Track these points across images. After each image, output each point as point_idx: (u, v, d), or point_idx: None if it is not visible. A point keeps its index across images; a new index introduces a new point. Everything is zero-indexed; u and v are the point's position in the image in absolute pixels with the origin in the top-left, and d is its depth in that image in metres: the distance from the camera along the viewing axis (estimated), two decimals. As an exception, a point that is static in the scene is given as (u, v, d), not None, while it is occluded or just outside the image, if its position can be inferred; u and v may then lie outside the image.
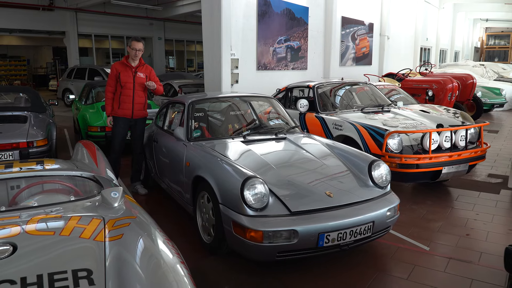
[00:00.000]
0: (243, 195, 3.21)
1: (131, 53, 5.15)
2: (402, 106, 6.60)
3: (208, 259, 3.65)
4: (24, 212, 2.36)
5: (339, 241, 3.24)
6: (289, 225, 3.12)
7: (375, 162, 3.82)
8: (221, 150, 4.01)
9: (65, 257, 1.95)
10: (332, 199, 3.40)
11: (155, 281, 1.88)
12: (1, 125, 6.16)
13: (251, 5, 9.32)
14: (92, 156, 3.82)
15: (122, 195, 2.62)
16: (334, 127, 5.63)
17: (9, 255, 1.91)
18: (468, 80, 11.27)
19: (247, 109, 5.14)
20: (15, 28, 19.26)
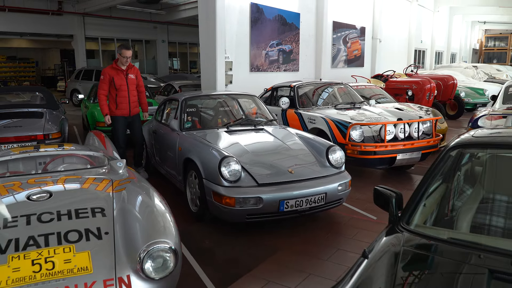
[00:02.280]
0: (220, 170, 4.08)
1: (122, 60, 5.81)
2: (374, 103, 7.44)
3: (195, 224, 4.52)
4: (55, 174, 3.25)
5: (296, 207, 4.10)
6: (256, 193, 3.99)
7: (332, 147, 4.69)
8: (207, 138, 4.88)
9: (85, 200, 2.84)
10: (293, 175, 4.26)
11: (149, 224, 2.74)
12: (21, 120, 7.07)
13: (244, 12, 10.20)
14: (102, 141, 4.71)
15: (125, 165, 3.50)
16: (309, 121, 6.50)
17: (47, 198, 2.80)
18: (449, 81, 12.07)
19: (233, 105, 6.02)
20: (26, 32, 20.24)
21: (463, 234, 2.09)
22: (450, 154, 2.31)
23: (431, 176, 2.26)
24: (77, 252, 2.38)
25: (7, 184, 3.01)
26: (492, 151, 2.37)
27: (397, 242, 1.95)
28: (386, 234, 2.08)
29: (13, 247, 2.35)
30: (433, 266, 1.79)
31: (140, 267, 2.35)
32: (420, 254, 1.85)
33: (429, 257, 1.84)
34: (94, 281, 2.26)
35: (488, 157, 2.40)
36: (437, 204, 2.28)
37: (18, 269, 2.24)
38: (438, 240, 1.93)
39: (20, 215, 2.61)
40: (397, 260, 1.79)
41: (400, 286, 1.62)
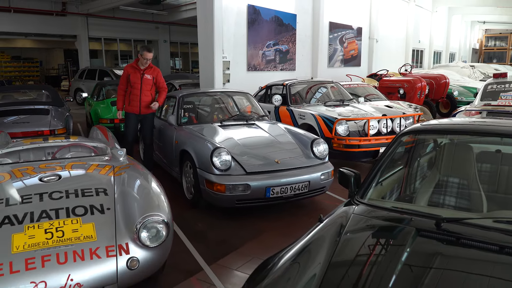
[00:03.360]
0: (212, 160, 4.49)
1: (142, 61, 5.82)
2: (363, 101, 7.83)
3: (190, 210, 4.93)
4: (63, 161, 3.66)
5: (281, 194, 4.50)
6: (244, 180, 4.39)
7: (316, 140, 5.09)
8: (202, 131, 5.29)
9: (90, 182, 3.25)
10: (279, 164, 4.66)
11: (145, 201, 3.14)
12: (28, 116, 7.49)
13: (241, 13, 10.61)
14: (105, 135, 5.12)
15: (125, 154, 3.91)
16: (299, 117, 6.90)
17: (57, 180, 3.21)
18: (441, 80, 12.44)
19: (227, 102, 6.42)
20: (31, 32, 20.70)
21: (403, 203, 2.48)
22: (401, 139, 2.70)
23: (384, 158, 2.65)
24: (83, 223, 2.79)
25: (21, 169, 3.42)
26: (435, 136, 2.77)
27: (349, 210, 2.35)
28: (343, 206, 2.48)
29: (29, 218, 2.76)
30: (372, 227, 2.18)
31: (137, 236, 2.76)
32: (364, 218, 2.24)
33: (371, 220, 2.23)
34: (98, 247, 2.67)
35: (432, 142, 2.80)
36: (387, 183, 2.67)
37: (33, 236, 2.65)
38: (381, 208, 2.32)
39: (34, 193, 3.02)
40: (346, 223, 2.18)
41: (343, 243, 2.00)
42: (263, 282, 1.80)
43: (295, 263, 1.90)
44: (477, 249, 1.87)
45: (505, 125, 2.54)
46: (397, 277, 1.70)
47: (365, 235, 2.14)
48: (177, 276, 3.42)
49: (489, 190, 2.55)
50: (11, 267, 2.48)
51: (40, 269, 2.50)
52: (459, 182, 2.64)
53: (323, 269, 1.80)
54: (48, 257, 2.55)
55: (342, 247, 1.95)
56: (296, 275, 1.82)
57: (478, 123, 2.90)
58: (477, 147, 2.74)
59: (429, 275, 1.75)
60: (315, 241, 2.09)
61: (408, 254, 1.84)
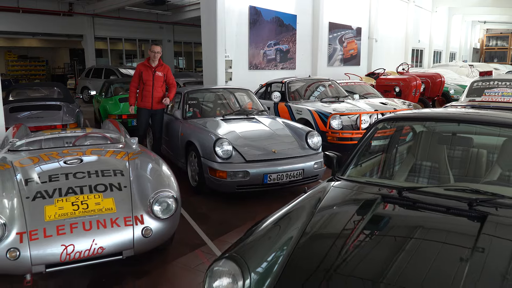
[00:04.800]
0: (215, 150, 4.94)
1: (151, 55, 6.21)
2: (357, 98, 8.26)
3: (195, 196, 5.39)
4: (83, 147, 4.13)
5: (278, 180, 4.95)
6: (244, 168, 4.85)
7: (310, 132, 5.54)
8: (205, 124, 5.74)
9: (108, 165, 3.71)
10: (276, 154, 5.11)
11: (156, 181, 3.60)
12: (41, 112, 7.97)
13: (243, 14, 11.06)
14: (116, 127, 5.59)
15: (137, 142, 4.38)
16: (296, 112, 7.35)
17: (79, 163, 3.68)
18: (437, 78, 12.86)
19: (229, 98, 6.88)
20: (38, 32, 21.20)
21: (375, 178, 2.94)
22: (376, 126, 3.16)
23: (362, 142, 3.10)
24: (104, 198, 3.25)
25: (47, 153, 3.89)
26: (405, 123, 3.25)
27: (329, 184, 2.80)
28: (326, 181, 2.93)
29: (58, 193, 3.23)
30: (346, 195, 2.63)
31: (150, 209, 3.22)
32: (341, 189, 2.69)
33: (346, 190, 2.68)
34: (117, 217, 3.13)
35: (401, 128, 3.26)
36: (366, 164, 3.12)
37: (62, 207, 3.11)
38: (357, 182, 2.77)
39: (60, 173, 3.49)
40: (325, 193, 2.63)
41: (320, 209, 2.44)
42: (248, 239, 2.23)
43: (276, 226, 2.33)
44: (429, 211, 2.32)
45: (462, 112, 2.99)
46: (362, 232, 2.15)
47: (339, 202, 2.59)
48: (184, 249, 3.89)
49: (459, 173, 2.97)
50: (45, 232, 2.94)
51: (69, 234, 2.96)
52: (431, 165, 3.09)
53: (301, 231, 2.21)
54: (76, 225, 3.02)
55: (318, 212, 2.39)
56: (276, 236, 2.22)
57: (440, 112, 3.36)
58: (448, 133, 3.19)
59: (388, 232, 2.20)
60: (296, 208, 2.52)
61: (372, 215, 2.29)
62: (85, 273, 3.42)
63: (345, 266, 1.91)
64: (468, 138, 3.09)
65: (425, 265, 1.83)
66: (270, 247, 2.10)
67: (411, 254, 1.95)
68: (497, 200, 2.29)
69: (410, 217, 2.34)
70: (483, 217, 2.14)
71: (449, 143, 3.08)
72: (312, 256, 2.01)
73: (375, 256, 1.96)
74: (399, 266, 1.85)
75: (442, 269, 1.80)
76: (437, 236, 2.12)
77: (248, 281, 1.90)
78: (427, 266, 1.82)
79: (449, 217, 2.24)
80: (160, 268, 3.56)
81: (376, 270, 1.85)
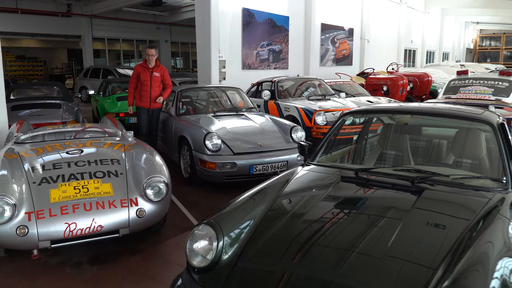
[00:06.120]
0: (205, 143, 5.35)
1: (147, 58, 6.55)
2: (344, 96, 8.67)
3: (187, 186, 5.80)
4: (83, 140, 4.53)
5: (263, 171, 5.35)
6: (232, 159, 5.25)
7: (295, 127, 5.95)
8: (197, 120, 6.14)
9: (106, 154, 4.11)
10: (262, 147, 5.52)
11: (149, 169, 4.00)
12: (42, 110, 8.34)
13: (236, 16, 11.47)
14: (114, 123, 5.98)
15: (133, 135, 4.78)
16: (284, 110, 7.76)
17: (80, 153, 4.07)
18: (424, 78, 13.29)
19: (221, 96, 7.29)
20: (37, 33, 21.56)
21: (338, 163, 3.35)
22: (343, 118, 3.57)
23: (330, 132, 3.51)
24: (103, 183, 3.65)
25: (51, 145, 4.29)
26: (368, 115, 3.71)
27: (300, 167, 3.21)
28: (298, 166, 3.33)
29: (61, 179, 3.63)
30: (312, 175, 3.04)
31: (143, 192, 3.62)
32: (308, 172, 3.10)
33: (312, 172, 3.08)
34: (114, 200, 3.53)
35: (366, 119, 3.69)
36: (336, 153, 3.53)
37: (65, 191, 3.51)
38: (322, 165, 3.19)
39: (63, 162, 3.88)
40: (295, 174, 3.04)
41: (289, 186, 2.84)
42: (225, 209, 2.64)
43: (251, 199, 2.74)
44: (378, 188, 2.73)
45: (416, 106, 3.41)
46: (320, 206, 2.56)
47: (305, 181, 2.99)
48: (175, 231, 4.29)
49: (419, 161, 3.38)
50: (50, 212, 3.34)
51: (71, 214, 3.36)
52: (395, 154, 3.50)
53: (268, 205, 2.61)
54: (77, 206, 3.42)
55: (286, 190, 2.80)
56: (250, 207, 2.64)
57: (397, 106, 3.80)
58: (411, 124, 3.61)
59: (342, 205, 2.61)
60: (268, 186, 2.92)
61: (330, 191, 2.70)
62: (85, 251, 3.82)
63: (300, 233, 2.30)
64: (420, 127, 3.55)
65: (365, 230, 2.24)
66: (242, 217, 2.51)
67: (356, 223, 2.37)
68: (434, 177, 2.70)
69: (362, 193, 2.75)
70: (421, 191, 2.55)
71: (409, 133, 3.50)
72: (273, 226, 2.40)
73: (328, 224, 2.37)
74: (344, 232, 2.27)
75: (376, 232, 2.20)
76: (382, 207, 2.53)
77: (221, 243, 2.30)
78: (366, 231, 2.23)
79: (394, 192, 2.65)
80: (153, 247, 3.96)
81: (324, 235, 2.26)
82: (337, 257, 2.07)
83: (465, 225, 2.22)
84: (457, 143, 3.35)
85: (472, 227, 2.20)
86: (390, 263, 1.98)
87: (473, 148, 3.21)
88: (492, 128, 3.02)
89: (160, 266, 3.64)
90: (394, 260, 1.99)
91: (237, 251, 2.27)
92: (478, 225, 2.23)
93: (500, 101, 6.70)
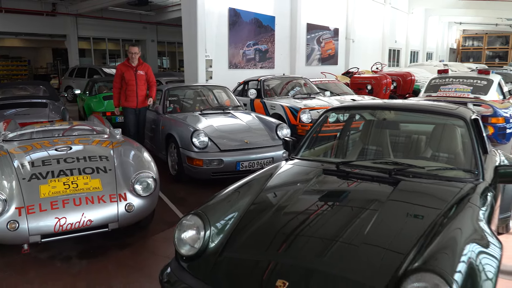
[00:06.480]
0: (192, 141, 5.45)
1: (129, 56, 6.47)
2: (328, 95, 8.83)
3: (174, 183, 5.89)
4: (71, 137, 4.59)
5: (249, 167, 5.47)
6: (218, 156, 5.36)
7: (280, 124, 6.08)
8: (184, 119, 6.24)
9: (95, 151, 4.19)
10: (248, 144, 5.64)
11: (138, 165, 4.08)
12: (28, 109, 8.33)
13: (223, 16, 11.57)
14: (101, 121, 6.04)
15: (121, 133, 4.85)
16: (270, 108, 7.89)
17: (68, 150, 4.14)
18: (407, 77, 13.56)
19: (207, 94, 7.39)
20: (21, 32, 21.36)
21: (321, 157, 3.49)
22: (325, 114, 3.71)
23: (313, 128, 3.65)
24: (92, 179, 3.73)
25: (39, 142, 4.35)
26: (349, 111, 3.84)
27: (283, 162, 3.33)
28: (283, 161, 3.46)
29: (51, 175, 3.70)
30: (296, 169, 3.17)
31: (132, 187, 3.71)
32: (292, 166, 3.22)
33: (296, 166, 3.21)
34: (103, 195, 3.61)
35: (348, 115, 3.84)
36: (319, 148, 3.67)
37: (55, 187, 3.59)
38: (305, 159, 3.32)
39: (52, 158, 3.95)
40: (277, 169, 3.16)
41: (273, 179, 2.96)
42: (211, 201, 2.75)
43: (236, 192, 2.85)
44: (359, 180, 2.86)
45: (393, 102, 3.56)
46: (303, 197, 2.68)
47: (289, 174, 3.12)
48: (163, 225, 4.39)
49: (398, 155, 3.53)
50: (40, 207, 3.42)
51: (61, 209, 3.44)
52: (376, 149, 3.65)
53: (253, 198, 2.73)
54: (67, 201, 3.50)
55: (270, 183, 2.92)
56: (235, 199, 2.75)
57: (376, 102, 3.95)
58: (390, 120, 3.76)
59: (324, 196, 2.74)
60: (253, 179, 3.04)
61: (313, 183, 2.83)
62: (75, 246, 3.89)
63: (284, 225, 2.42)
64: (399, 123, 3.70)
65: (345, 220, 2.37)
66: (227, 209, 2.63)
67: (337, 213, 2.51)
68: (410, 169, 2.85)
69: (343, 185, 2.88)
70: (397, 182, 2.70)
71: (389, 128, 3.66)
72: (258, 219, 2.51)
73: (311, 216, 2.49)
74: (326, 222, 2.41)
75: (354, 222, 2.33)
76: (360, 198, 2.67)
77: (208, 233, 2.41)
78: (346, 221, 2.36)
79: (372, 184, 2.79)
80: (142, 241, 4.06)
81: (309, 226, 2.38)
82: (321, 247, 2.19)
83: (437, 213, 2.37)
84: (434, 138, 3.51)
85: (443, 215, 2.34)
86: (366, 250, 2.11)
87: (449, 142, 3.37)
88: (465, 123, 3.18)
89: (149, 259, 3.73)
90: (370, 247, 2.13)
91: (223, 241, 2.39)
92: (449, 213, 2.37)
93: (478, 99, 6.91)
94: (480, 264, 1.96)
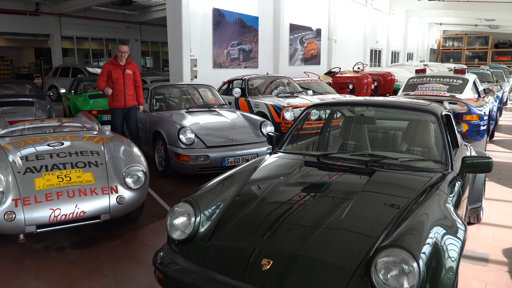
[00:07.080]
0: (179, 137, 5.63)
1: (118, 54, 6.27)
2: (311, 94, 9.10)
3: (162, 179, 6.07)
4: (62, 133, 4.74)
5: (235, 163, 5.67)
6: (205, 152, 5.56)
7: (264, 122, 6.31)
8: (171, 116, 6.41)
9: (86, 147, 4.35)
10: (233, 140, 5.84)
11: (128, 159, 4.26)
12: (14, 108, 8.39)
13: (207, 16, 11.76)
14: (89, 118, 6.17)
15: (110, 129, 5.02)
16: (254, 106, 8.12)
17: (60, 145, 4.30)
18: (388, 77, 13.95)
19: (193, 93, 7.57)
20: (4, 32, 21.19)
21: (303, 150, 3.72)
22: (307, 110, 3.94)
23: (295, 124, 3.88)
24: (84, 172, 3.90)
25: (32, 138, 4.49)
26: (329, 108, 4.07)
27: (267, 156, 3.55)
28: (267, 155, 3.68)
29: (44, 169, 3.86)
30: (279, 161, 3.39)
31: (123, 181, 3.89)
32: (275, 159, 3.45)
33: (279, 159, 3.44)
34: (96, 187, 3.79)
35: (329, 111, 4.09)
36: (302, 143, 3.90)
37: (49, 180, 3.75)
38: (288, 152, 3.55)
39: (45, 153, 4.11)
40: (261, 162, 3.38)
41: (257, 172, 3.17)
42: (200, 190, 2.95)
43: (221, 184, 3.05)
44: (337, 171, 3.10)
45: (372, 99, 3.81)
46: (285, 188, 2.91)
47: (272, 167, 3.34)
48: (152, 218, 4.57)
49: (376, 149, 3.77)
50: (35, 199, 3.58)
51: (56, 200, 3.60)
52: (355, 143, 3.89)
53: (238, 188, 2.94)
54: (61, 193, 3.66)
55: (254, 175, 3.13)
56: (220, 190, 2.94)
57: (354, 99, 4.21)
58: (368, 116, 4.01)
59: (304, 186, 2.97)
60: (238, 171, 3.26)
61: (295, 175, 3.05)
62: (68, 237, 4.06)
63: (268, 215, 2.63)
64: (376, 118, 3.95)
65: (324, 208, 2.60)
66: (215, 197, 2.83)
67: (317, 203, 2.74)
68: (384, 161, 3.10)
69: (323, 176, 3.12)
70: (372, 172, 2.94)
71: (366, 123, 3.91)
72: (242, 209, 2.72)
73: (293, 206, 2.71)
74: (306, 211, 2.63)
75: (332, 210, 2.56)
76: (338, 187, 2.91)
77: (198, 219, 2.61)
78: (325, 209, 2.59)
79: (350, 174, 3.03)
80: (132, 232, 4.24)
81: (292, 214, 2.60)
82: (303, 233, 2.41)
83: (407, 200, 2.61)
84: (408, 133, 3.78)
85: (413, 201, 2.59)
86: (342, 235, 2.33)
87: (422, 137, 3.64)
88: (437, 118, 3.44)
89: (138, 248, 3.92)
90: (345, 232, 2.35)
91: (211, 228, 2.59)
92: (419, 199, 2.62)
93: (454, 97, 7.23)
94: (445, 244, 2.19)
